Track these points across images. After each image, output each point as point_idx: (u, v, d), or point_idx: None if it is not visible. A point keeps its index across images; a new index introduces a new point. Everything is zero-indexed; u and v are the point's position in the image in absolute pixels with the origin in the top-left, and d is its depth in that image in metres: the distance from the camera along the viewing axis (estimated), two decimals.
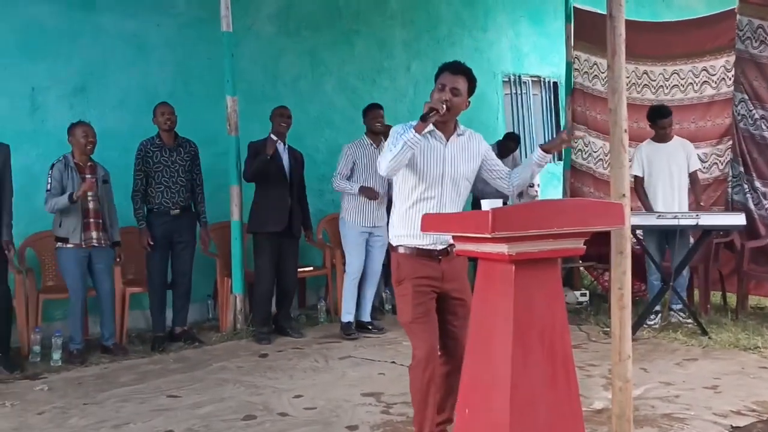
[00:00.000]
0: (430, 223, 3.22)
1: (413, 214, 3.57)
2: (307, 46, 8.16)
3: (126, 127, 6.87)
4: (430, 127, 3.53)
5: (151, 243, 6.26)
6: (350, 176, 6.60)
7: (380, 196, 6.55)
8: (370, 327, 6.74)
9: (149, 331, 6.63)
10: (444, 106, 3.47)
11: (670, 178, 6.72)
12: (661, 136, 6.79)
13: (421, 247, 3.58)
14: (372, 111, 6.75)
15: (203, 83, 7.25)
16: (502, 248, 2.91)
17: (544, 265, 3.05)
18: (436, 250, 3.59)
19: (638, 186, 6.72)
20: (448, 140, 3.61)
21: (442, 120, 3.55)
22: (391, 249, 3.69)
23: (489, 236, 2.82)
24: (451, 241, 3.63)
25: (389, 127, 6.49)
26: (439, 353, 3.61)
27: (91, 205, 5.93)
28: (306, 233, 6.89)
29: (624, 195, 3.59)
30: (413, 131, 3.40)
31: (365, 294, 6.76)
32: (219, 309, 7.02)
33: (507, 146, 8.49)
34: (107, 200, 6.10)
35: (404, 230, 3.61)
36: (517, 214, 2.88)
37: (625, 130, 3.60)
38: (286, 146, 6.63)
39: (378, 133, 6.65)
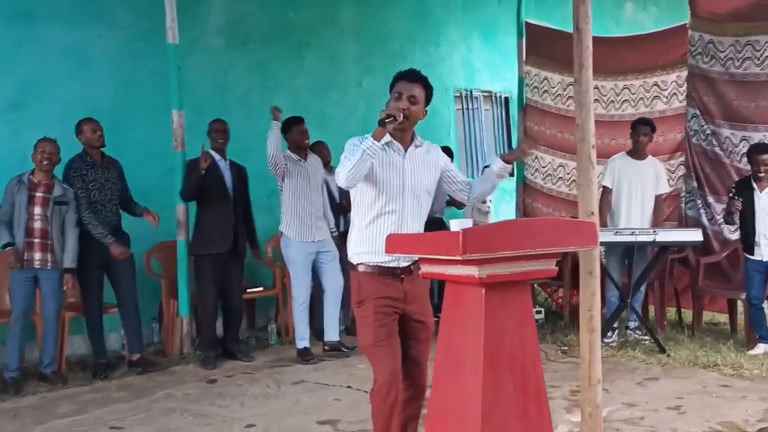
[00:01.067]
0: (395, 244, 3.06)
1: (374, 229, 3.43)
2: (257, 60, 7.96)
3: (67, 144, 6.48)
4: (388, 138, 3.41)
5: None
6: (282, 187, 6.35)
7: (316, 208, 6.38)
8: (343, 348, 6.43)
9: (90, 356, 6.28)
10: (401, 113, 3.36)
11: (637, 196, 6.66)
12: (638, 151, 6.71)
13: (383, 264, 3.43)
14: (298, 125, 6.44)
15: (148, 97, 6.98)
16: (473, 270, 2.77)
17: (514, 289, 2.93)
18: (399, 267, 3.44)
19: (604, 198, 6.63)
20: (406, 151, 3.51)
21: (400, 129, 3.44)
22: (350, 268, 3.53)
23: (459, 258, 2.67)
24: (415, 258, 3.49)
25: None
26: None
27: (37, 224, 5.63)
28: (253, 252, 6.66)
29: (592, 213, 3.48)
30: (371, 139, 3.29)
31: (329, 312, 6.48)
32: (164, 332, 6.73)
33: None
34: (61, 222, 5.74)
35: (365, 247, 3.46)
36: (488, 235, 2.74)
37: (593, 146, 3.48)
38: (228, 161, 6.40)
39: (304, 149, 6.43)
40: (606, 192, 6.68)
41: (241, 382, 5.77)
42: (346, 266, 3.68)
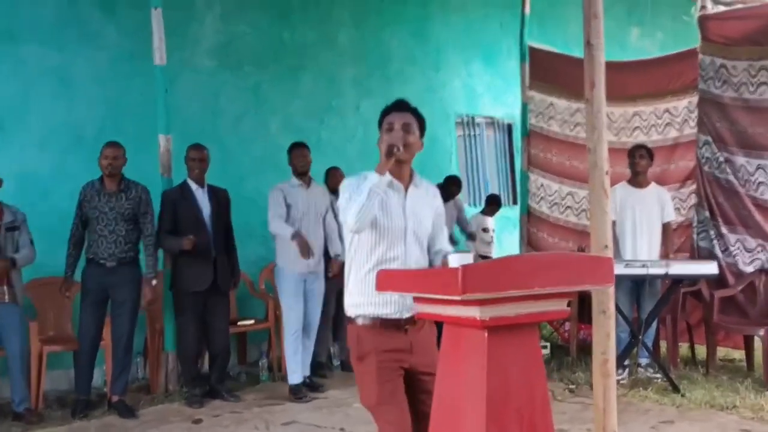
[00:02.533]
0: (386, 280, 2.73)
1: (373, 279, 3.05)
2: (250, 82, 7.68)
3: (47, 168, 6.34)
4: (388, 176, 3.09)
5: (68, 295, 5.67)
6: (287, 219, 6.02)
7: (314, 246, 6.03)
8: (310, 384, 6.14)
9: (72, 393, 5.92)
10: (402, 142, 3.06)
11: (641, 226, 6.36)
12: (638, 179, 6.43)
13: (385, 317, 3.08)
14: (297, 149, 6.20)
15: (134, 121, 6.69)
16: (474, 312, 2.46)
17: (521, 331, 2.61)
18: (402, 319, 3.09)
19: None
20: (406, 190, 3.18)
21: (401, 161, 3.11)
22: (347, 322, 3.19)
23: (458, 298, 2.35)
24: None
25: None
26: None
27: None
28: (234, 285, 6.30)
29: (606, 246, 3.15)
30: (375, 175, 2.99)
31: (305, 345, 6.15)
32: (149, 368, 6.39)
33: (449, 191, 8.00)
34: (15, 250, 5.45)
35: (363, 297, 3.10)
36: (492, 272, 2.41)
37: (607, 172, 3.16)
38: (206, 189, 6.07)
39: (304, 174, 6.14)
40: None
41: (228, 422, 5.42)
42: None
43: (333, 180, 6.87)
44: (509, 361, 2.54)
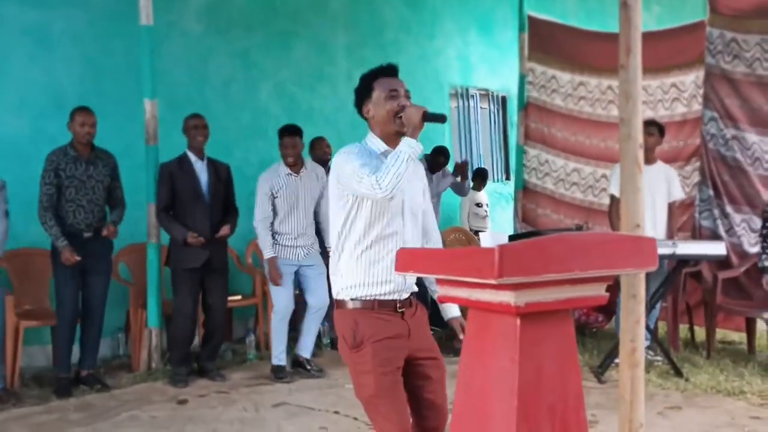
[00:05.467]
0: (407, 260, 2.45)
1: (370, 257, 2.84)
2: (239, 47, 7.36)
3: (25, 133, 6.04)
4: (383, 145, 2.89)
5: (77, 258, 5.32)
6: (273, 209, 5.76)
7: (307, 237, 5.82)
8: (308, 367, 5.86)
9: (49, 370, 5.67)
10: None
11: (647, 203, 6.09)
12: (645, 155, 6.17)
13: (381, 297, 2.83)
14: (285, 137, 5.78)
15: (118, 84, 6.40)
16: (507, 297, 2.20)
17: (555, 319, 2.36)
18: (399, 300, 2.85)
19: (613, 207, 6.10)
20: None
21: (400, 134, 2.84)
22: (337, 306, 2.92)
23: (494, 282, 2.09)
24: (415, 288, 2.90)
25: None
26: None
27: None
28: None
29: (638, 225, 2.90)
30: (412, 140, 2.75)
31: (309, 329, 5.88)
32: (131, 345, 6.11)
33: (436, 161, 7.76)
34: None
35: (358, 278, 2.84)
36: (532, 254, 2.15)
37: (641, 145, 2.89)
38: (206, 161, 5.78)
39: (293, 165, 5.79)
40: (614, 200, 6.14)
41: (215, 403, 5.17)
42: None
43: (319, 150, 6.65)
44: (542, 352, 2.30)
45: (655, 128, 6.12)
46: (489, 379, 2.32)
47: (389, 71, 2.94)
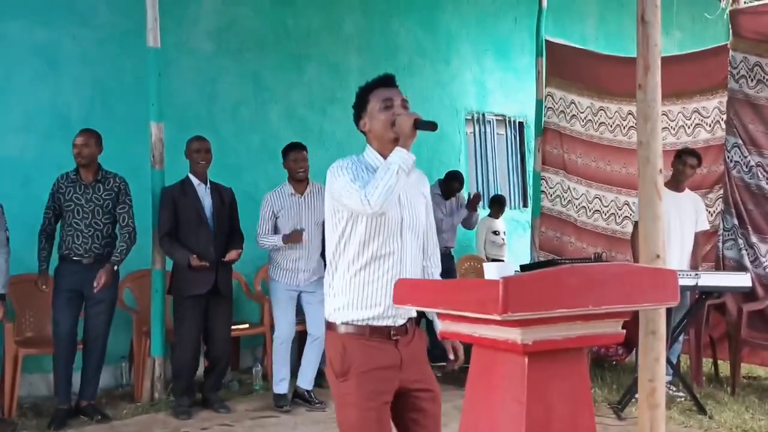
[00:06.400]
0: (405, 292, 2.27)
1: (365, 277, 2.66)
2: (250, 69, 7.24)
3: (30, 154, 5.96)
4: (379, 158, 2.72)
5: (44, 288, 5.25)
6: (275, 231, 5.66)
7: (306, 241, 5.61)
8: (308, 399, 5.64)
9: (50, 399, 5.52)
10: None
11: (676, 232, 5.90)
12: (678, 183, 5.99)
13: (373, 323, 2.64)
14: (293, 151, 5.72)
15: (126, 105, 6.30)
16: (513, 334, 2.03)
17: (567, 358, 2.18)
18: (393, 327, 2.66)
19: (636, 235, 5.88)
20: None
21: (394, 144, 2.68)
22: (327, 328, 2.73)
23: (498, 318, 1.90)
24: (413, 314, 2.70)
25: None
26: None
27: None
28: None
29: (658, 256, 2.69)
30: (404, 150, 2.60)
31: (309, 359, 5.66)
32: (134, 374, 5.94)
33: (450, 186, 7.44)
34: None
35: (350, 297, 2.66)
36: (539, 287, 1.96)
37: (660, 171, 2.70)
38: (209, 186, 5.64)
39: (300, 181, 5.68)
40: (637, 228, 5.92)
41: None
42: None
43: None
44: (552, 394, 2.12)
45: (695, 159, 5.94)
46: (495, 421, 2.15)
47: (386, 81, 2.81)
